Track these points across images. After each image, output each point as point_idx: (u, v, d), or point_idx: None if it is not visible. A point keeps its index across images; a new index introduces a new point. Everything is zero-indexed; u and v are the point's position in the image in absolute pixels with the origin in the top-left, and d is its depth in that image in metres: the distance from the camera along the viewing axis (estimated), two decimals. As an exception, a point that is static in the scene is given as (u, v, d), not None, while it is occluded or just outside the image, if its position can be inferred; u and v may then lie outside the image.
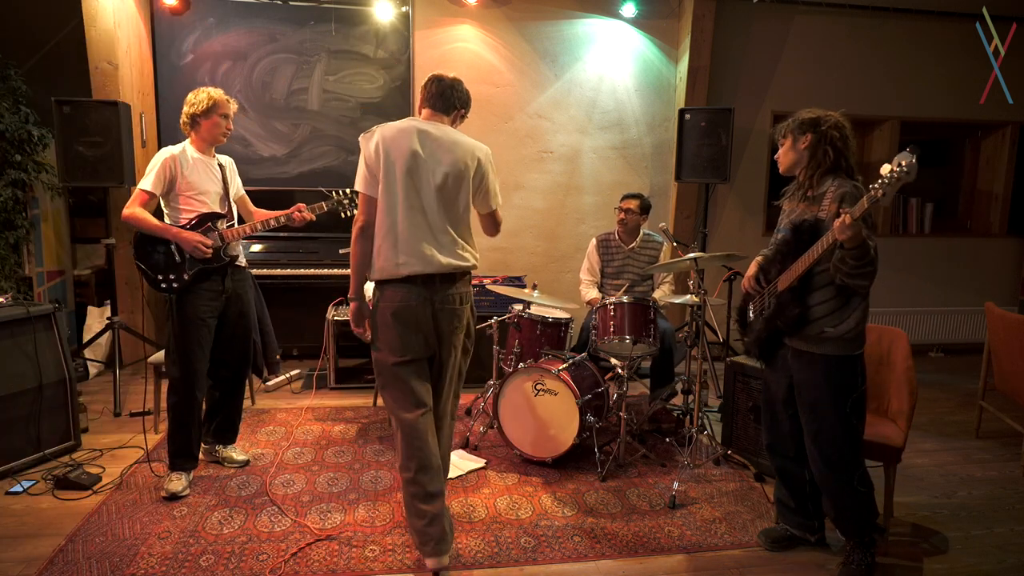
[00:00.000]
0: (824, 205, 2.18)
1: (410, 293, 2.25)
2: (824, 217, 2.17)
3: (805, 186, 2.26)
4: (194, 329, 2.79)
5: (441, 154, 2.31)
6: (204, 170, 2.87)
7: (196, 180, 2.83)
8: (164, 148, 2.84)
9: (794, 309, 2.22)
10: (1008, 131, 5.52)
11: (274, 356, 3.93)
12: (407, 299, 2.25)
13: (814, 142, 2.23)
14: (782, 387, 2.41)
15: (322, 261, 4.43)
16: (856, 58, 5.19)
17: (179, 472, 2.86)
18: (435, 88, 2.42)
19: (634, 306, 3.31)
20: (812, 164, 2.24)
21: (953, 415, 4.12)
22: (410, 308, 2.25)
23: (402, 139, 2.28)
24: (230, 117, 2.91)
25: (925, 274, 5.52)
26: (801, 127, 2.26)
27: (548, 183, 5.06)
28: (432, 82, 2.43)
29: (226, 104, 2.87)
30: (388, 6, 4.62)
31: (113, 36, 4.17)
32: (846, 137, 2.22)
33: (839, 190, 2.16)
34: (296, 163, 4.79)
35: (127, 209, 2.74)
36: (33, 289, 4.41)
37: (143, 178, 2.78)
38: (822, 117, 2.24)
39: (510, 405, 3.24)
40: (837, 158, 2.20)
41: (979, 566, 2.47)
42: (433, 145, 2.31)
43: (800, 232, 2.20)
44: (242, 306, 2.98)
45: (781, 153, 2.34)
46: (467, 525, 2.65)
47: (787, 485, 2.53)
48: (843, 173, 2.21)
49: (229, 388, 3.07)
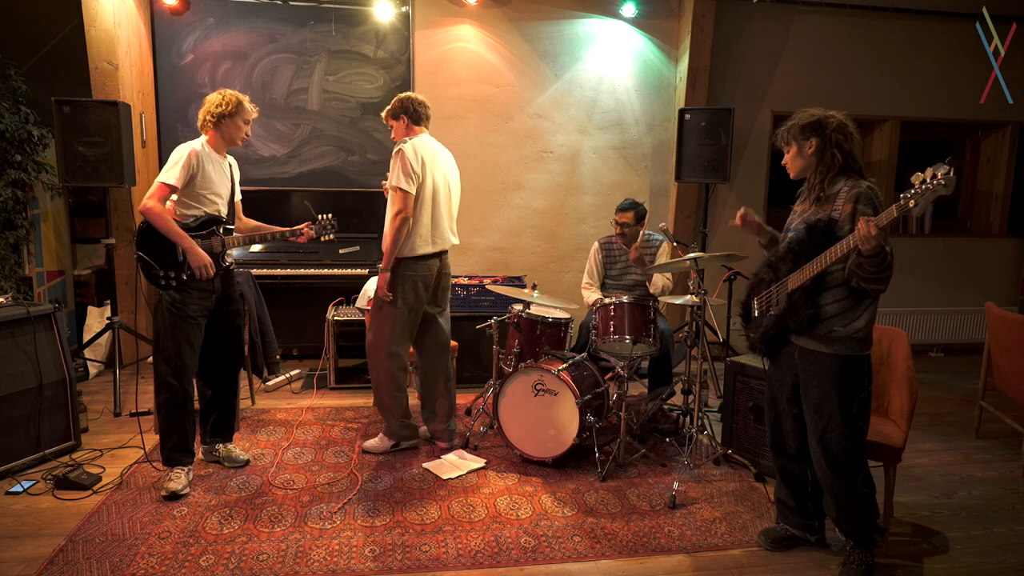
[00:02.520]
0: (837, 205, 2.18)
1: (433, 261, 3.17)
2: (838, 217, 2.16)
3: (816, 189, 2.25)
4: (185, 327, 2.81)
5: (447, 163, 3.24)
6: (219, 169, 2.90)
7: (214, 178, 2.85)
8: (184, 143, 2.82)
9: (807, 310, 2.20)
10: (1008, 131, 5.52)
11: (274, 356, 3.93)
12: (431, 266, 3.16)
13: (820, 146, 2.22)
14: (787, 385, 2.40)
15: (322, 261, 4.43)
16: (856, 58, 5.19)
17: (178, 469, 2.86)
18: (421, 109, 3.18)
19: (634, 306, 3.31)
20: (821, 168, 2.23)
21: (953, 415, 4.12)
22: (432, 272, 3.17)
23: (431, 152, 3.11)
24: (250, 123, 2.96)
25: (925, 274, 5.52)
26: (804, 132, 2.24)
27: (548, 183, 5.06)
28: (416, 103, 3.16)
29: (250, 111, 2.93)
30: (388, 6, 4.62)
31: (113, 36, 4.17)
32: (851, 137, 2.21)
33: (853, 190, 2.15)
34: (296, 163, 4.79)
35: (148, 201, 2.70)
36: (33, 289, 4.41)
37: (165, 171, 2.75)
38: (824, 119, 2.22)
39: (510, 405, 3.24)
40: (846, 159, 2.20)
41: (979, 566, 2.47)
42: (442, 156, 3.21)
43: (815, 232, 2.18)
44: (232, 305, 3.00)
45: (788, 160, 2.33)
46: (467, 525, 2.65)
47: (788, 485, 2.53)
48: (854, 174, 2.21)
49: (222, 386, 3.08)
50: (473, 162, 4.88)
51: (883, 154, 5.36)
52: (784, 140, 2.32)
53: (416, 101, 3.15)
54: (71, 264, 4.90)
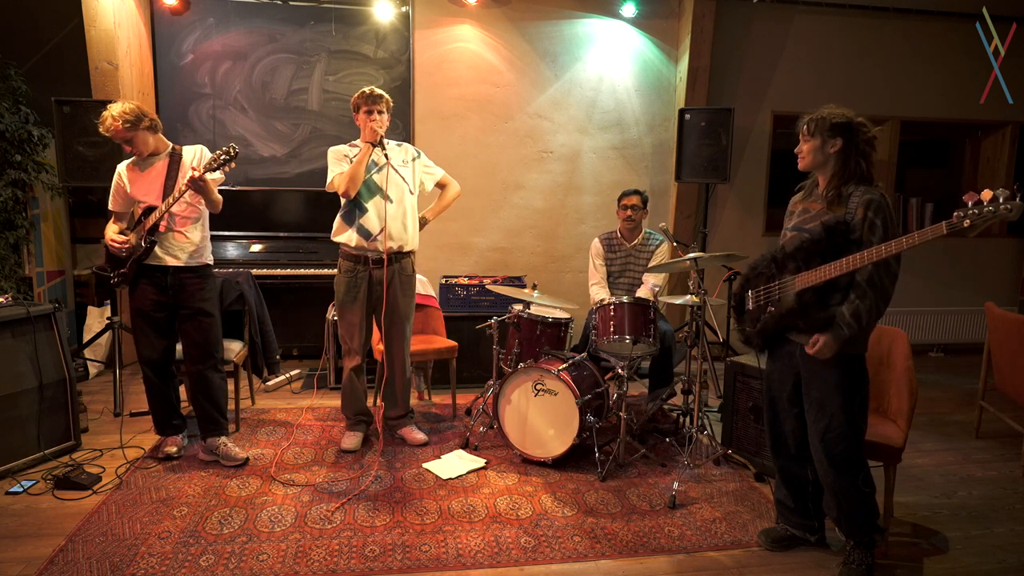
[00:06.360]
0: (851, 208, 2.17)
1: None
2: (850, 220, 2.16)
3: (829, 190, 2.23)
4: (139, 319, 3.03)
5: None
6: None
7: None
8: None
9: (820, 312, 2.19)
10: (1008, 131, 5.52)
11: (274, 356, 3.93)
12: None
13: (845, 150, 2.20)
14: (787, 385, 2.40)
15: (322, 261, 4.43)
16: (856, 58, 5.19)
17: (171, 438, 3.20)
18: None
19: (634, 306, 3.31)
20: (843, 173, 2.21)
21: (953, 415, 4.12)
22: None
23: None
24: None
25: (925, 274, 5.52)
26: (833, 130, 2.21)
27: (548, 183, 5.06)
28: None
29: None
30: (388, 6, 4.62)
31: (113, 36, 4.17)
32: (874, 148, 2.22)
33: (865, 195, 2.14)
34: (296, 163, 4.79)
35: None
36: (33, 289, 4.41)
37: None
38: (857, 126, 2.20)
39: (510, 405, 3.24)
40: (867, 167, 2.20)
41: (979, 566, 2.47)
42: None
43: (834, 234, 2.16)
44: (191, 302, 3.02)
45: (806, 150, 2.28)
46: (467, 525, 2.65)
47: (788, 485, 2.53)
48: (866, 180, 2.21)
49: (192, 382, 3.14)
50: (473, 162, 4.88)
51: (883, 154, 5.35)
52: (808, 130, 2.26)
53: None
54: (71, 264, 4.90)
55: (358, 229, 3.15)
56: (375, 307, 3.29)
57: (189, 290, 3.02)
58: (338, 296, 3.25)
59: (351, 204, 3.18)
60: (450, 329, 4.12)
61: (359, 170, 3.09)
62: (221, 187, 3.01)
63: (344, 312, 3.25)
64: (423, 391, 4.27)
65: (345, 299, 3.23)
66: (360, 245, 3.16)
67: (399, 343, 3.32)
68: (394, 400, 3.41)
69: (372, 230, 3.15)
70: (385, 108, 3.17)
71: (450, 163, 3.77)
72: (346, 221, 3.20)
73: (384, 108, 3.17)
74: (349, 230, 3.17)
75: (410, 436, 3.43)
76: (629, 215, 3.82)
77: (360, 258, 3.20)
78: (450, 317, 4.20)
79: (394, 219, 3.18)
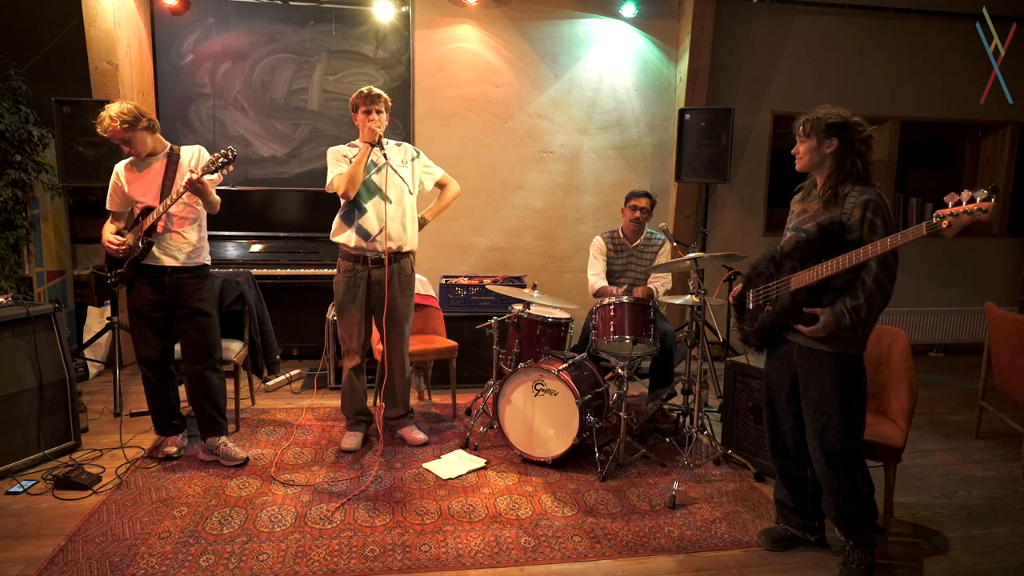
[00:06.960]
0: (847, 208, 2.17)
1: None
2: (847, 220, 2.16)
3: (828, 190, 2.23)
4: (136, 319, 3.05)
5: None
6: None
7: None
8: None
9: (812, 311, 2.20)
10: (1008, 131, 5.52)
11: (274, 356, 3.93)
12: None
13: (841, 150, 2.20)
14: (785, 385, 2.40)
15: (322, 261, 4.43)
16: (856, 58, 5.19)
17: (170, 438, 3.21)
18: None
19: (634, 306, 3.31)
20: (839, 173, 2.21)
21: (953, 415, 4.12)
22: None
23: None
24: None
25: (925, 274, 5.52)
26: (828, 130, 2.21)
27: (548, 183, 5.06)
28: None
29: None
30: (388, 6, 4.62)
31: (113, 36, 4.17)
32: (872, 149, 2.22)
33: (862, 195, 2.15)
34: (296, 163, 4.79)
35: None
36: (33, 289, 4.41)
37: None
38: (852, 125, 2.20)
39: (510, 405, 3.24)
40: (864, 167, 2.20)
41: (979, 566, 2.47)
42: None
43: (828, 233, 2.17)
44: (188, 302, 3.02)
45: (802, 151, 2.28)
46: (467, 525, 2.65)
47: (788, 485, 2.53)
48: (863, 180, 2.21)
49: (191, 382, 3.13)
50: (473, 162, 4.88)
51: (883, 154, 5.36)
52: (804, 131, 2.27)
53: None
54: (71, 264, 4.90)
55: (357, 229, 3.15)
56: (374, 307, 3.29)
57: (187, 290, 3.02)
58: (337, 296, 3.25)
59: (350, 204, 3.18)
60: (450, 329, 4.12)
61: (358, 171, 3.08)
62: (220, 187, 3.02)
63: (343, 312, 3.25)
64: (423, 391, 4.27)
65: (344, 299, 3.23)
66: (359, 245, 3.16)
67: (398, 343, 3.32)
68: (394, 400, 3.41)
69: (371, 230, 3.15)
70: (383, 108, 3.17)
71: (450, 163, 3.77)
72: (345, 221, 3.19)
73: (382, 108, 3.16)
74: (348, 230, 3.17)
75: (410, 436, 3.43)
76: (637, 216, 3.81)
77: (359, 258, 3.20)
78: (450, 317, 4.20)
79: (393, 219, 3.17)
